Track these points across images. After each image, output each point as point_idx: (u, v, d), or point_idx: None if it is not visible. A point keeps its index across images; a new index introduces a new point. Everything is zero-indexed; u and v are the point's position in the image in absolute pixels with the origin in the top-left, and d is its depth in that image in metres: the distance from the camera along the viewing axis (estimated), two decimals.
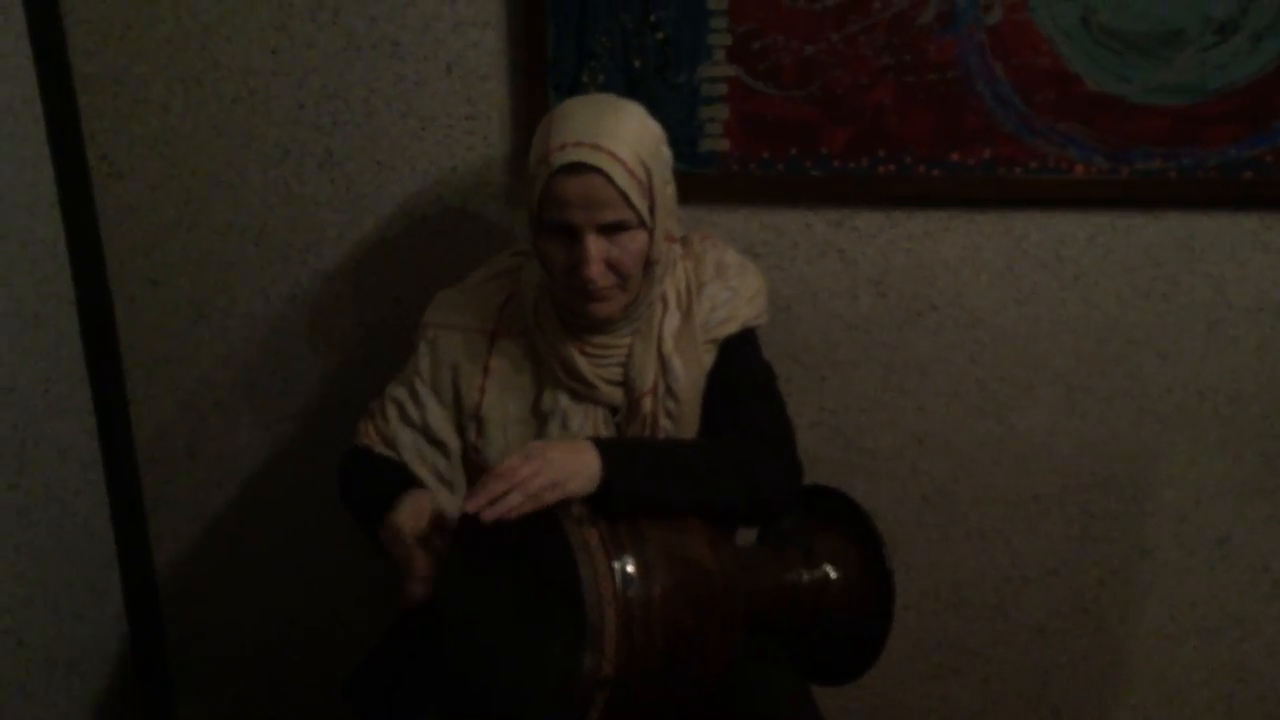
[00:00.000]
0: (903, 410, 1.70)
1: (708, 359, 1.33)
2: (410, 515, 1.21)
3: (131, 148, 1.64)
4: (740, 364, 1.34)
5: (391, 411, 1.37)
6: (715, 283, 1.35)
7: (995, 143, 1.54)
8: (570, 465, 1.11)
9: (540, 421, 1.32)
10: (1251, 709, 1.80)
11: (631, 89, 1.55)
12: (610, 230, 1.21)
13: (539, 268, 1.30)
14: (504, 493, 1.08)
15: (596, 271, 1.21)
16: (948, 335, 1.66)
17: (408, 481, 1.32)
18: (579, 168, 1.18)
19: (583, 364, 1.30)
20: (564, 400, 1.31)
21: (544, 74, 1.56)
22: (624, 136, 1.20)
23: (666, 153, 1.28)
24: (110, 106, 1.62)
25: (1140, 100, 1.51)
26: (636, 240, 1.23)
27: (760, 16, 1.51)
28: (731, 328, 1.34)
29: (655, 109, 1.53)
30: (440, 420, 1.35)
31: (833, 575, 1.27)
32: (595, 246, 1.21)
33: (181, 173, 1.65)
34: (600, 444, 1.15)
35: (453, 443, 1.35)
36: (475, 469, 1.32)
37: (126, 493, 1.78)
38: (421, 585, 1.18)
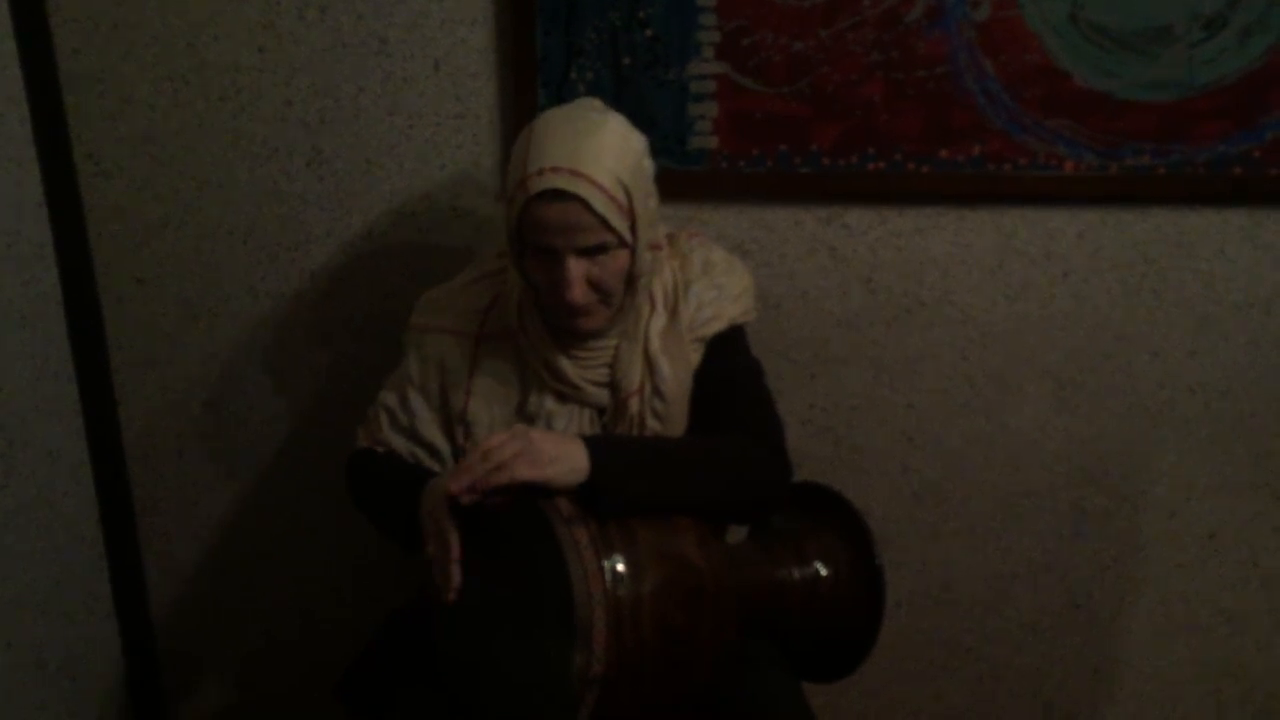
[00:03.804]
0: (893, 407, 1.70)
1: (695, 357, 1.32)
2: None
3: (118, 147, 1.63)
4: (728, 361, 1.34)
5: (383, 419, 1.37)
6: (701, 281, 1.34)
7: (985, 139, 1.54)
8: (553, 450, 1.11)
9: (526, 424, 1.31)
10: (1242, 704, 1.81)
11: (620, 86, 1.55)
12: (590, 252, 1.20)
13: (523, 281, 1.29)
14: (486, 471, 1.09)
15: (578, 294, 1.21)
16: (938, 332, 1.66)
17: (425, 473, 1.31)
18: (557, 194, 1.17)
19: (568, 367, 1.30)
20: (549, 403, 1.31)
21: (533, 71, 1.55)
22: (602, 160, 1.18)
23: (648, 165, 1.26)
24: (97, 105, 1.62)
25: (1129, 96, 1.52)
26: (618, 259, 1.22)
27: (749, 13, 1.51)
28: (718, 326, 1.33)
29: (644, 106, 1.54)
30: (429, 426, 1.35)
31: (823, 573, 1.27)
32: (576, 269, 1.20)
33: (169, 172, 1.64)
34: (588, 441, 1.15)
35: (443, 446, 1.35)
36: None
37: (115, 494, 1.77)
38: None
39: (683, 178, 1.56)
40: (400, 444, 1.36)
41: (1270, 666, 1.79)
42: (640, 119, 1.27)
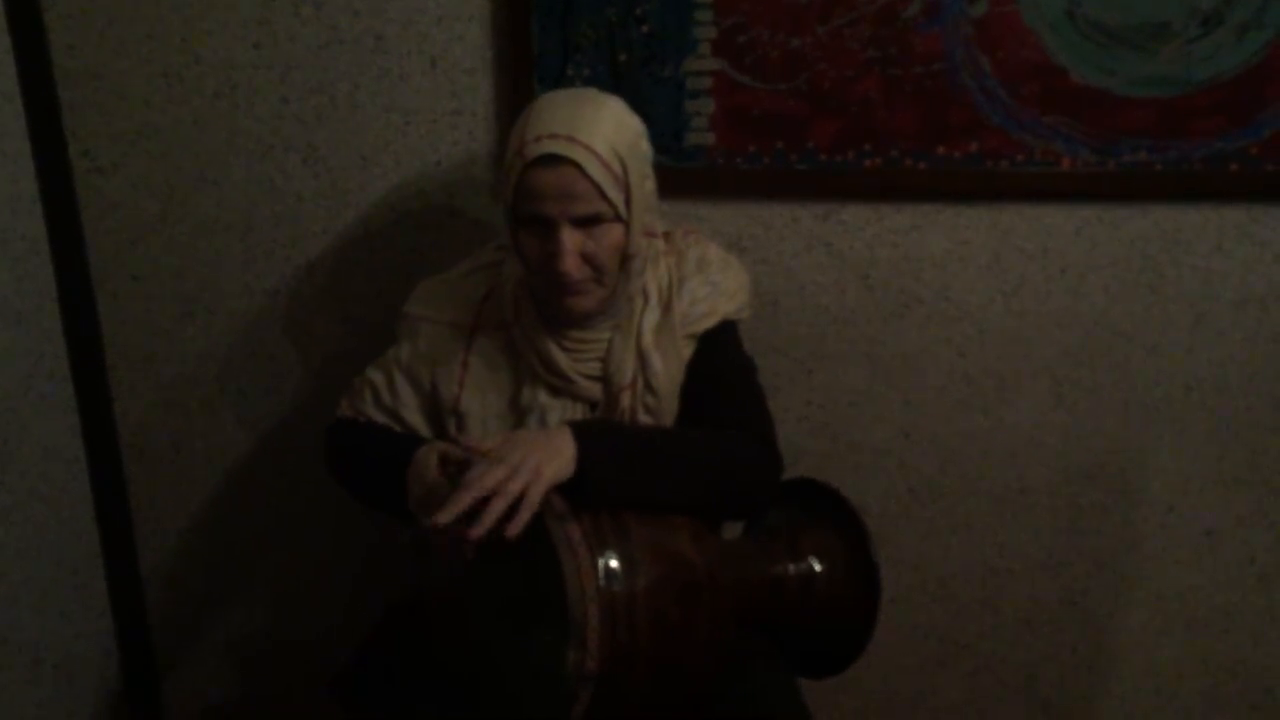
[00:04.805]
0: (889, 404, 1.70)
1: (686, 352, 1.33)
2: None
3: (113, 143, 1.63)
4: (719, 356, 1.34)
5: (367, 393, 1.38)
6: (696, 278, 1.34)
7: (981, 136, 1.54)
8: (541, 456, 1.11)
9: (518, 416, 1.32)
10: (1238, 700, 1.81)
11: (617, 82, 1.54)
12: (585, 223, 1.21)
13: (519, 262, 1.29)
14: (477, 502, 1.07)
15: (571, 264, 1.21)
16: (935, 329, 1.66)
17: (408, 439, 1.31)
18: (553, 159, 1.18)
19: (561, 359, 1.30)
20: (542, 395, 1.31)
21: (529, 68, 1.55)
22: (599, 129, 1.20)
23: (646, 147, 1.27)
24: (92, 101, 1.61)
25: (1126, 93, 1.51)
26: (612, 234, 1.23)
27: (746, 9, 1.51)
28: (711, 322, 1.34)
29: (640, 103, 1.53)
30: (412, 412, 1.35)
31: (818, 568, 1.27)
32: (570, 239, 1.20)
33: (164, 168, 1.64)
34: (577, 429, 1.15)
35: (425, 433, 1.35)
36: None
37: (111, 490, 1.77)
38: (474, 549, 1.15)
39: (679, 174, 1.55)
40: (381, 421, 1.37)
41: (1266, 663, 1.78)
42: (637, 115, 1.28)
